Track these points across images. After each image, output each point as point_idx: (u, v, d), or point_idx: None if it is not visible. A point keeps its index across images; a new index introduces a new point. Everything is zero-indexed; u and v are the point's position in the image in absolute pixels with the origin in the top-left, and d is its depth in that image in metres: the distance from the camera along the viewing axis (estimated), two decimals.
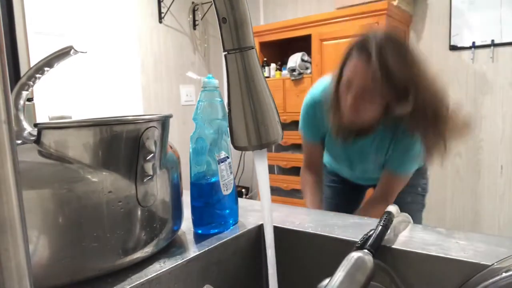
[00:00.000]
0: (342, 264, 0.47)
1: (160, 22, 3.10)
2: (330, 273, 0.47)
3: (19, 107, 0.54)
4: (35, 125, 0.47)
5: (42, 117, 2.11)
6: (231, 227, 0.65)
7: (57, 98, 2.37)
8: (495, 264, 0.44)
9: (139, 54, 2.92)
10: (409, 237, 0.59)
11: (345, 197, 1.47)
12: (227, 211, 0.64)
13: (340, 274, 0.46)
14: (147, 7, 2.99)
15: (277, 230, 0.65)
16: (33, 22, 2.18)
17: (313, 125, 1.25)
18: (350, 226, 0.65)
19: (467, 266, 0.50)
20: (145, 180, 0.51)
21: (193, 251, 0.56)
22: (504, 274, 0.42)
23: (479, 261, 0.49)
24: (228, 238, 0.61)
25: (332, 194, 1.47)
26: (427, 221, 1.40)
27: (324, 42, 2.67)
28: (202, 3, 3.41)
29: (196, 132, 0.61)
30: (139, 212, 0.51)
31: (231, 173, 0.63)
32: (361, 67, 0.98)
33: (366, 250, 0.50)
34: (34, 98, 2.01)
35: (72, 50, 0.54)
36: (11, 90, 0.54)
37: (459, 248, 0.54)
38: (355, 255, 0.48)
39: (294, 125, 2.92)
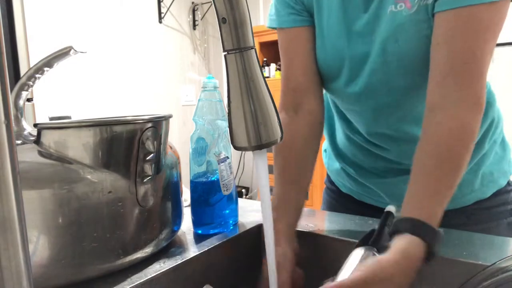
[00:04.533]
0: (348, 260, 0.48)
1: (160, 22, 3.10)
2: (330, 273, 0.47)
3: (18, 107, 0.54)
4: (35, 125, 0.47)
5: (42, 117, 2.12)
6: (231, 227, 0.65)
7: (57, 98, 2.37)
8: (495, 264, 0.44)
9: (139, 54, 2.92)
10: None
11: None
12: (227, 211, 0.64)
13: (347, 268, 0.46)
14: (147, 7, 2.99)
15: None
16: (33, 22, 2.18)
17: None
18: (351, 226, 0.65)
19: (467, 266, 0.50)
20: (145, 180, 0.51)
21: (193, 251, 0.56)
22: (504, 274, 0.42)
23: (479, 261, 0.50)
24: (228, 238, 0.61)
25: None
26: None
27: None
28: (202, 3, 3.41)
29: (196, 132, 0.62)
30: (139, 212, 0.51)
31: (231, 173, 0.63)
32: None
33: (370, 246, 0.50)
34: (34, 98, 2.01)
35: (72, 50, 0.54)
36: (11, 90, 0.54)
37: (459, 248, 0.54)
38: (360, 251, 0.49)
39: None
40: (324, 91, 0.77)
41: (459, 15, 0.56)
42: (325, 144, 0.95)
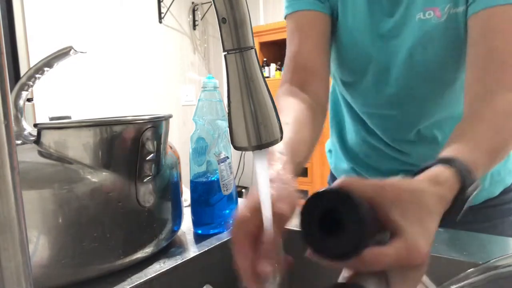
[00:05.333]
0: None
1: (160, 22, 3.10)
2: (330, 273, 0.47)
3: (18, 107, 0.54)
4: (35, 125, 0.47)
5: (42, 117, 2.12)
6: (231, 227, 0.65)
7: (57, 98, 2.37)
8: (490, 262, 0.44)
9: (139, 54, 2.92)
10: None
11: None
12: (227, 211, 0.64)
13: None
14: (147, 7, 2.99)
15: None
16: (33, 22, 2.18)
17: None
18: None
19: (468, 266, 0.50)
20: (145, 180, 0.51)
21: (193, 251, 0.56)
22: (494, 271, 0.41)
23: (479, 261, 0.49)
24: (228, 238, 0.61)
25: None
26: None
27: None
28: (202, 3, 3.41)
29: (196, 132, 0.62)
30: (139, 212, 0.51)
31: (231, 173, 0.63)
32: None
33: None
34: (34, 98, 2.02)
35: (72, 50, 0.54)
36: (11, 90, 0.54)
37: (460, 247, 0.54)
38: None
39: None
40: (330, 90, 0.76)
41: (494, 14, 0.56)
42: (328, 144, 0.94)
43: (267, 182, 0.40)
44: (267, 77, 3.02)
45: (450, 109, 0.71)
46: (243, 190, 3.56)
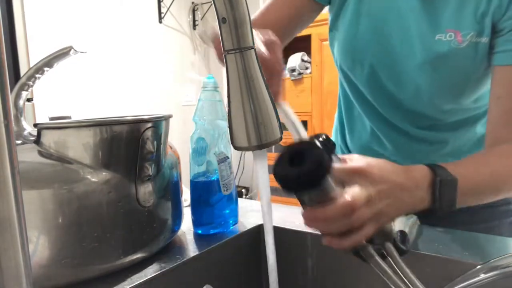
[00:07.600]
0: None
1: (160, 22, 3.10)
2: (330, 272, 0.47)
3: (18, 107, 0.54)
4: (35, 125, 0.47)
5: (42, 117, 2.11)
6: (231, 227, 0.65)
7: (57, 98, 2.37)
8: (489, 262, 0.44)
9: (139, 54, 2.92)
10: None
11: None
12: (227, 211, 0.64)
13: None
14: (147, 7, 2.99)
15: (277, 230, 0.65)
16: (33, 22, 2.18)
17: None
18: None
19: (469, 266, 0.50)
20: (145, 180, 0.51)
21: (193, 251, 0.56)
22: (495, 272, 0.41)
23: (480, 261, 0.49)
24: (228, 238, 0.61)
25: None
26: None
27: (324, 42, 2.67)
28: (202, 3, 3.41)
29: (196, 132, 0.61)
30: (139, 212, 0.51)
31: (231, 173, 0.63)
32: None
33: None
34: (34, 98, 2.01)
35: (72, 50, 0.54)
36: (11, 90, 0.54)
37: (461, 247, 0.54)
38: None
39: None
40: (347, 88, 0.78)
41: None
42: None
43: (267, 182, 0.40)
44: None
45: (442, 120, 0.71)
46: (243, 190, 3.55)
